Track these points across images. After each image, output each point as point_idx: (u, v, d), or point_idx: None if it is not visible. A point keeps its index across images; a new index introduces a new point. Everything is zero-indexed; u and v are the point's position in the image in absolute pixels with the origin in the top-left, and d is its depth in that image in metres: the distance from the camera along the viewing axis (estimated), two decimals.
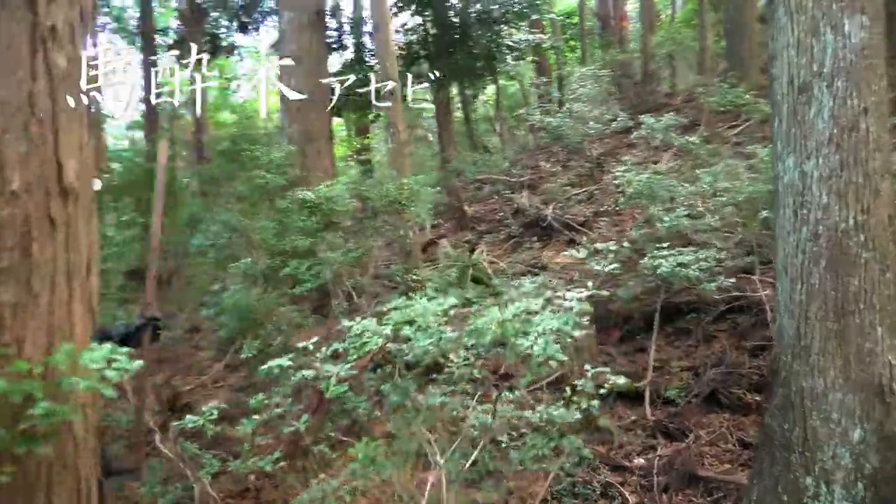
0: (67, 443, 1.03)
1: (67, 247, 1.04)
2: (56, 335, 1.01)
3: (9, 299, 0.95)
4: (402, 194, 4.24)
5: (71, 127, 1.03)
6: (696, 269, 3.53)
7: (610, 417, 3.88)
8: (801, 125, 2.39)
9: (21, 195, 0.96)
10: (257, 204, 5.35)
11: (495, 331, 1.64)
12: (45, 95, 0.98)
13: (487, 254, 7.54)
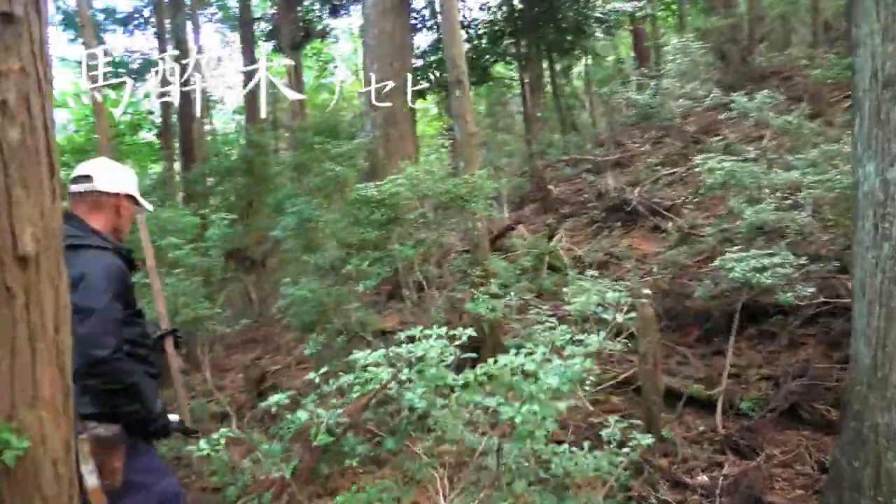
0: (34, 500, 1.08)
1: (28, 311, 1.07)
2: (19, 398, 1.05)
3: None
4: (463, 189, 4.16)
5: (28, 195, 1.05)
6: (770, 275, 3.21)
7: (677, 426, 3.69)
8: (884, 126, 2.08)
9: None
10: (330, 196, 5.46)
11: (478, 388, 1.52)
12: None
13: (567, 240, 7.32)
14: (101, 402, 2.01)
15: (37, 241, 1.08)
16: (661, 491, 3.09)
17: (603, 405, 4.17)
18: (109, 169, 2.29)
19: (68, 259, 1.93)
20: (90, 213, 2.20)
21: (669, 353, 4.49)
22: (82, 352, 1.84)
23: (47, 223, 1.10)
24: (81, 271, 2.00)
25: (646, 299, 3.48)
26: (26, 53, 1.06)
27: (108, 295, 2.05)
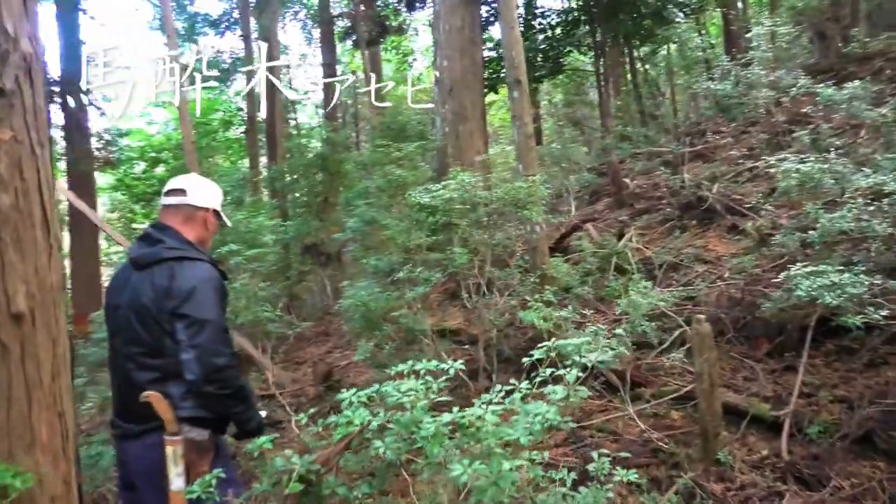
0: None
1: (24, 363, 1.15)
2: (16, 446, 1.13)
3: None
4: (517, 195, 4.09)
5: (21, 257, 1.13)
6: (837, 295, 2.94)
7: (737, 448, 3.48)
8: None
9: None
10: (393, 197, 5.53)
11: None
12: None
13: (637, 239, 7.05)
14: (210, 406, 2.15)
15: (31, 298, 1.15)
16: None
17: (661, 420, 4.02)
18: (201, 185, 2.46)
19: (174, 269, 2.22)
20: (183, 225, 2.36)
21: (736, 368, 4.25)
22: (202, 361, 2.07)
23: (42, 279, 1.18)
24: (192, 284, 2.17)
25: (702, 315, 3.30)
26: (18, 123, 1.13)
27: (217, 307, 2.22)
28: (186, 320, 2.12)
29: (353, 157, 7.84)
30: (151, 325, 2.17)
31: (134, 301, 2.21)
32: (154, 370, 2.17)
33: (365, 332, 4.34)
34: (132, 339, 2.19)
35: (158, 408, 2.08)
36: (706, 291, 4.96)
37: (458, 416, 1.35)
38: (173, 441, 2.08)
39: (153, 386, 2.14)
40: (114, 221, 16.48)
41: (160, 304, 2.16)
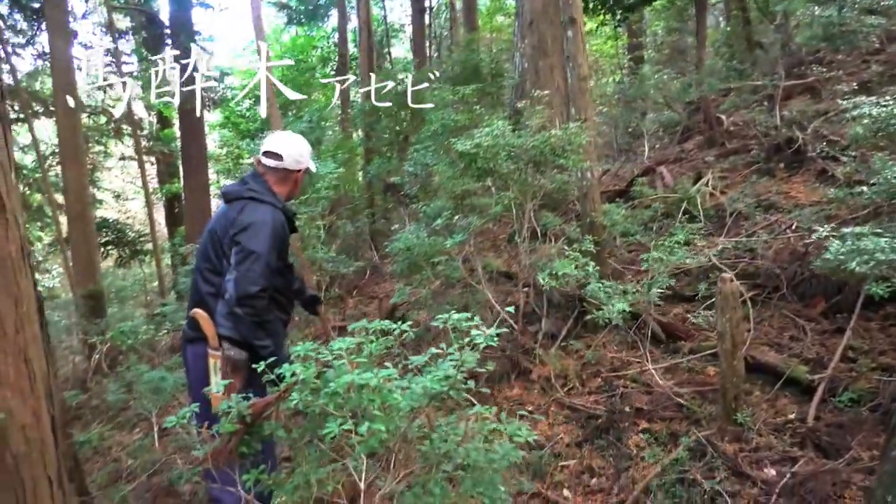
0: (4, 455, 1.43)
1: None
2: None
3: None
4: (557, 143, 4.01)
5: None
6: (864, 261, 2.68)
7: (763, 409, 3.38)
8: None
9: None
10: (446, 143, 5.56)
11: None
12: None
13: (716, 183, 6.66)
14: (242, 331, 2.48)
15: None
16: (719, 478, 2.92)
17: (696, 375, 3.94)
18: (294, 149, 2.79)
19: (246, 205, 2.62)
20: (276, 183, 2.76)
21: (785, 326, 4.05)
22: (238, 285, 2.45)
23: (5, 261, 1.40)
24: (253, 219, 2.57)
25: (728, 273, 3.16)
26: None
27: (268, 243, 2.56)
28: (238, 247, 2.51)
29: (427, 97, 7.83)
30: (217, 247, 2.61)
31: (213, 226, 2.68)
32: (212, 285, 2.60)
33: (408, 275, 4.52)
34: (204, 257, 2.66)
35: (203, 325, 2.49)
36: (770, 243, 4.67)
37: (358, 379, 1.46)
38: (214, 354, 2.49)
39: (210, 298, 2.59)
40: (223, 158, 17.59)
41: (226, 231, 2.59)
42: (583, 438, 3.65)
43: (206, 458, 1.59)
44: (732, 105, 9.53)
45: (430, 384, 1.49)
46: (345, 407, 1.47)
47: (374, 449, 1.36)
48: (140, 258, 15.65)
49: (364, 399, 1.43)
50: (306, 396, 1.52)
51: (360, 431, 1.34)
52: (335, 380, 1.50)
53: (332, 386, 1.44)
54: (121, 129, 15.00)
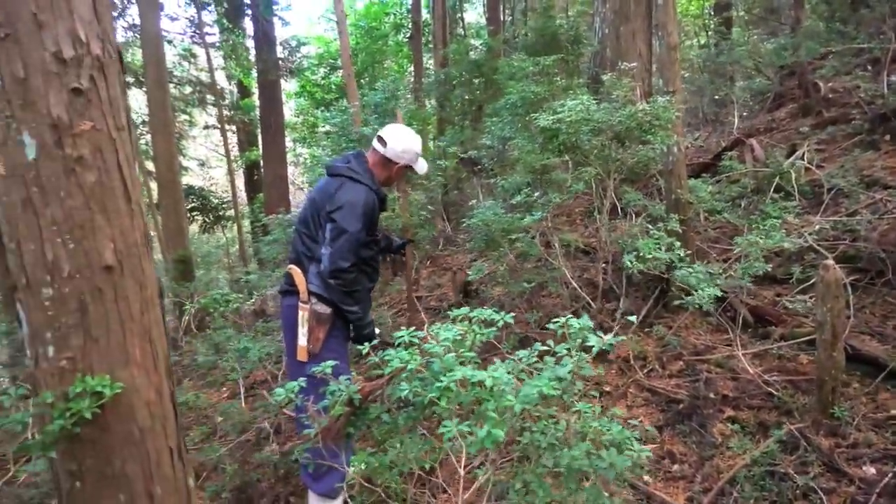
0: (132, 429, 1.54)
1: (117, 303, 1.47)
2: (116, 363, 1.49)
3: (78, 343, 1.45)
4: (644, 117, 3.86)
5: (107, 221, 1.43)
6: None
7: (862, 404, 3.21)
8: None
9: (74, 276, 1.41)
10: (525, 116, 5.45)
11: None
12: (82, 208, 1.38)
13: (812, 156, 6.25)
14: (333, 296, 2.88)
15: (118, 253, 1.47)
16: (812, 473, 2.80)
17: (787, 363, 3.77)
18: (402, 143, 3.07)
19: (344, 183, 2.92)
20: (376, 165, 3.06)
21: (889, 314, 3.79)
22: (331, 260, 2.81)
23: (126, 238, 1.49)
24: (349, 199, 2.87)
25: (828, 258, 2.98)
26: (96, 114, 1.40)
27: (360, 223, 2.85)
28: (333, 224, 2.84)
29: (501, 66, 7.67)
30: (315, 216, 2.96)
31: (314, 195, 3.03)
32: (308, 248, 2.96)
33: (485, 250, 4.51)
34: (303, 222, 3.02)
35: (296, 280, 2.89)
36: (873, 224, 4.36)
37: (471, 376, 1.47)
38: (303, 307, 2.85)
39: (304, 259, 2.95)
40: (298, 126, 17.97)
41: (323, 204, 2.91)
42: (664, 423, 3.58)
43: (316, 435, 1.67)
44: (832, 70, 8.84)
45: (545, 389, 1.49)
46: (453, 401, 1.49)
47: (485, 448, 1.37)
48: (222, 224, 16.38)
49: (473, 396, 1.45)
50: (416, 387, 1.55)
51: (480, 434, 1.36)
52: (445, 374, 1.52)
53: (443, 380, 1.46)
54: (205, 99, 15.58)
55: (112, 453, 1.52)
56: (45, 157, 1.35)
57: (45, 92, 1.33)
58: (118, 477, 1.53)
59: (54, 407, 1.41)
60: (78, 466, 1.51)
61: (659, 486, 3.16)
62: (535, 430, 1.80)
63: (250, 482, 4.11)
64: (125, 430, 1.54)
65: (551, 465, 1.71)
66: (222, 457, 4.23)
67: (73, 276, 1.41)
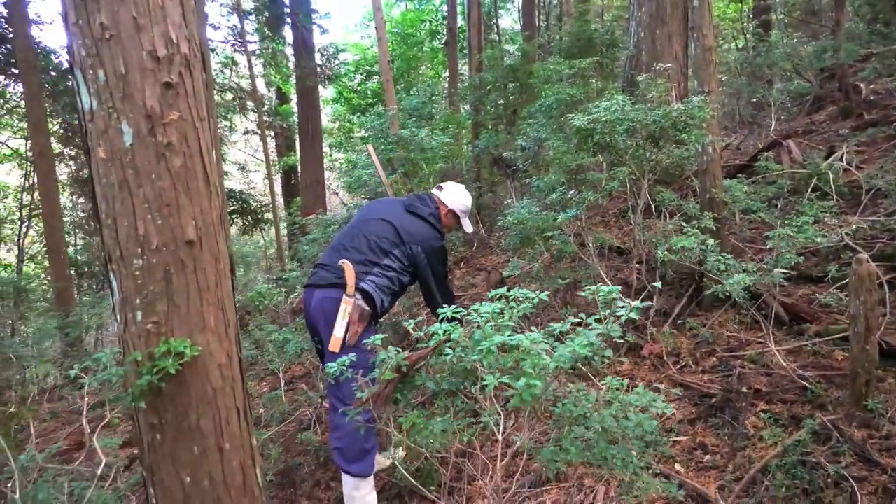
0: (206, 388, 1.72)
1: (196, 274, 1.65)
2: (194, 328, 1.67)
3: (162, 309, 1.63)
4: (679, 117, 3.94)
5: (190, 201, 1.61)
6: None
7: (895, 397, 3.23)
8: None
9: (161, 249, 1.60)
10: (560, 117, 5.56)
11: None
12: (169, 189, 1.56)
13: (851, 157, 6.20)
14: (379, 293, 3.22)
15: (198, 230, 1.65)
16: (844, 463, 2.85)
17: (821, 359, 3.80)
18: (455, 193, 3.76)
19: (412, 221, 3.50)
20: (439, 205, 3.68)
21: None
22: (389, 276, 3.31)
23: (205, 216, 1.67)
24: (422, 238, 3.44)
25: (864, 253, 3.02)
26: (183, 106, 1.59)
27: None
28: (435, 270, 3.52)
29: (536, 70, 7.80)
30: (394, 238, 3.38)
31: (395, 220, 3.45)
32: (375, 254, 3.31)
33: (520, 248, 4.63)
34: (377, 234, 3.37)
35: (347, 273, 3.09)
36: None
37: (510, 340, 1.61)
38: (347, 300, 3.05)
39: (367, 262, 3.25)
40: (334, 132, 18.34)
41: (408, 237, 3.41)
42: (696, 416, 3.65)
43: (367, 400, 1.82)
44: (873, 72, 8.73)
45: (578, 349, 1.61)
46: (494, 365, 1.63)
47: (526, 403, 1.51)
48: (261, 227, 16.81)
49: (512, 359, 1.59)
50: (459, 353, 1.70)
51: (517, 385, 1.50)
52: (486, 339, 1.67)
53: (484, 344, 1.60)
54: (245, 105, 16.06)
55: (189, 409, 1.70)
56: (140, 143, 1.54)
57: (141, 86, 1.52)
58: (193, 431, 1.71)
59: (142, 365, 1.60)
60: (159, 420, 1.69)
61: (691, 475, 3.23)
62: (566, 402, 1.93)
63: (293, 467, 4.30)
64: (200, 389, 1.72)
65: (581, 434, 1.83)
66: (266, 442, 4.44)
67: (161, 249, 1.59)
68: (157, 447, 1.70)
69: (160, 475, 1.72)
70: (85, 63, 1.50)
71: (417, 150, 6.31)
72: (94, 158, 1.54)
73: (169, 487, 1.72)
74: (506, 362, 1.64)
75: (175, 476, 1.72)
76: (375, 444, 3.27)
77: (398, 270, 3.36)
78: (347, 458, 3.15)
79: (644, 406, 1.76)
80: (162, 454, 1.71)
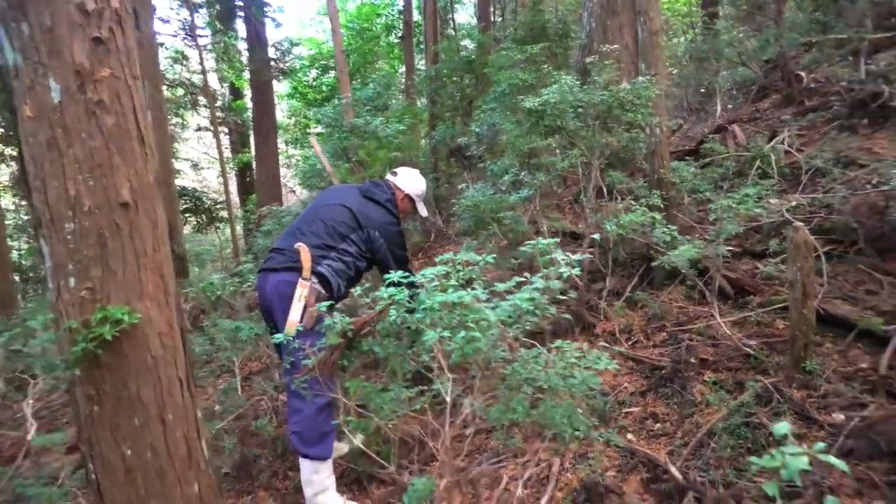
0: (146, 357, 1.68)
1: (132, 238, 1.61)
2: (132, 295, 1.63)
3: (97, 274, 1.59)
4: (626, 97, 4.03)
5: (124, 162, 1.57)
6: None
7: (833, 360, 3.38)
8: None
9: (94, 212, 1.55)
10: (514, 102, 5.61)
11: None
12: (101, 149, 1.52)
13: (792, 141, 6.43)
14: (335, 277, 3.20)
15: (133, 192, 1.61)
16: (788, 420, 2.96)
17: (764, 328, 3.94)
18: (409, 179, 3.77)
19: (369, 206, 3.49)
20: (395, 190, 3.67)
21: (862, 280, 3.97)
22: (346, 261, 3.28)
23: (141, 178, 1.63)
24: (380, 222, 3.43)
25: (800, 223, 3.14)
26: (114, 63, 1.55)
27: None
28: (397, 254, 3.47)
29: (491, 60, 7.85)
30: (351, 223, 3.36)
31: (353, 206, 3.42)
32: (333, 239, 3.28)
33: (474, 231, 4.65)
34: (334, 218, 3.34)
35: (303, 256, 3.05)
36: (848, 199, 4.54)
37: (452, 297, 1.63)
38: (303, 283, 3.01)
39: (324, 247, 3.21)
40: (290, 128, 18.08)
41: (366, 220, 3.40)
42: (647, 388, 3.74)
43: (313, 367, 1.81)
44: (813, 61, 9.06)
45: (519, 303, 1.63)
46: (438, 324, 1.64)
47: (468, 356, 1.52)
48: (216, 225, 16.47)
49: (457, 316, 1.60)
50: (403, 314, 1.70)
51: (457, 339, 1.51)
52: (429, 299, 1.68)
53: (427, 303, 1.61)
54: (197, 101, 15.70)
55: (128, 378, 1.66)
56: (69, 100, 1.50)
57: (69, 41, 1.47)
58: (133, 401, 1.67)
59: (77, 332, 1.55)
60: (96, 391, 1.64)
61: (643, 443, 3.31)
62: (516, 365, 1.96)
63: (249, 458, 4.23)
64: (140, 358, 1.68)
65: (530, 393, 1.86)
66: (220, 434, 4.36)
67: (93, 212, 1.55)
68: (96, 419, 1.66)
69: (99, 448, 1.68)
70: (7, 15, 1.45)
71: (372, 139, 6.27)
72: (21, 117, 1.49)
73: (109, 461, 1.68)
74: (451, 320, 1.65)
75: (115, 449, 1.68)
76: (333, 427, 3.25)
77: (355, 255, 3.34)
78: (306, 442, 3.13)
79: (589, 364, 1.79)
80: (101, 426, 1.67)
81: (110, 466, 1.68)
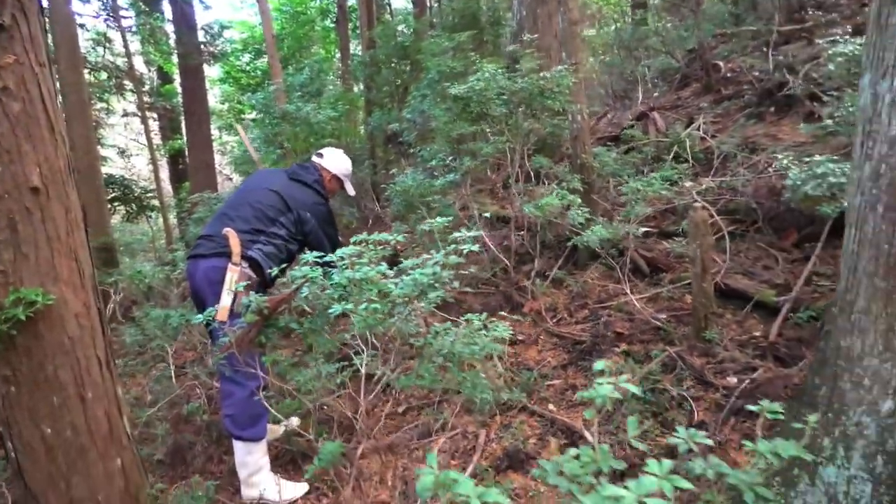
0: (63, 338, 1.72)
1: (44, 222, 1.65)
2: (45, 278, 1.66)
3: (9, 258, 1.61)
4: (546, 85, 4.20)
5: (33, 148, 1.60)
6: (817, 185, 2.93)
7: (732, 329, 3.68)
8: (882, 32, 1.87)
9: (3, 197, 1.58)
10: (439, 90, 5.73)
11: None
12: (8, 134, 1.55)
13: (707, 127, 6.82)
14: (267, 261, 3.14)
15: (43, 177, 1.64)
16: (686, 386, 3.23)
17: (675, 303, 4.23)
18: (335, 159, 3.81)
19: (297, 188, 3.50)
20: (321, 171, 3.71)
21: (760, 257, 4.31)
22: (276, 244, 3.25)
23: (51, 164, 1.66)
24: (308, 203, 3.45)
25: (699, 202, 3.40)
26: (19, 49, 1.57)
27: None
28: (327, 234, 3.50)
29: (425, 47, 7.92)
30: (280, 206, 3.35)
31: (281, 190, 3.42)
32: (262, 223, 3.27)
33: (405, 215, 4.76)
34: (262, 202, 3.32)
35: (232, 241, 3.02)
36: (750, 182, 4.89)
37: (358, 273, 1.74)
38: (233, 268, 2.97)
39: (253, 231, 3.19)
40: (223, 113, 17.62)
41: (295, 203, 3.40)
42: (568, 362, 3.97)
43: (230, 345, 1.88)
44: (730, 51, 9.57)
45: (419, 277, 1.76)
46: (348, 299, 1.75)
47: (369, 326, 1.63)
48: (147, 214, 15.93)
49: (364, 291, 1.72)
50: (315, 290, 1.80)
51: (360, 311, 1.62)
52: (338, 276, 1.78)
53: (336, 279, 1.71)
54: (122, 85, 15.07)
55: (45, 359, 1.70)
56: None
57: None
58: (51, 381, 1.71)
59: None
60: (13, 372, 1.67)
61: (562, 412, 3.53)
62: (428, 337, 2.10)
63: (183, 445, 4.23)
64: (57, 339, 1.72)
65: (441, 361, 2.00)
66: (152, 421, 4.33)
67: (3, 197, 1.58)
68: (13, 400, 1.69)
69: (18, 428, 1.71)
70: None
71: (304, 125, 6.27)
72: None
73: (29, 440, 1.71)
74: (360, 296, 1.76)
75: (34, 429, 1.71)
76: (266, 409, 3.32)
77: (285, 238, 3.38)
78: (239, 425, 3.18)
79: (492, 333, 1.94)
80: (18, 407, 1.70)
81: (30, 446, 1.72)
